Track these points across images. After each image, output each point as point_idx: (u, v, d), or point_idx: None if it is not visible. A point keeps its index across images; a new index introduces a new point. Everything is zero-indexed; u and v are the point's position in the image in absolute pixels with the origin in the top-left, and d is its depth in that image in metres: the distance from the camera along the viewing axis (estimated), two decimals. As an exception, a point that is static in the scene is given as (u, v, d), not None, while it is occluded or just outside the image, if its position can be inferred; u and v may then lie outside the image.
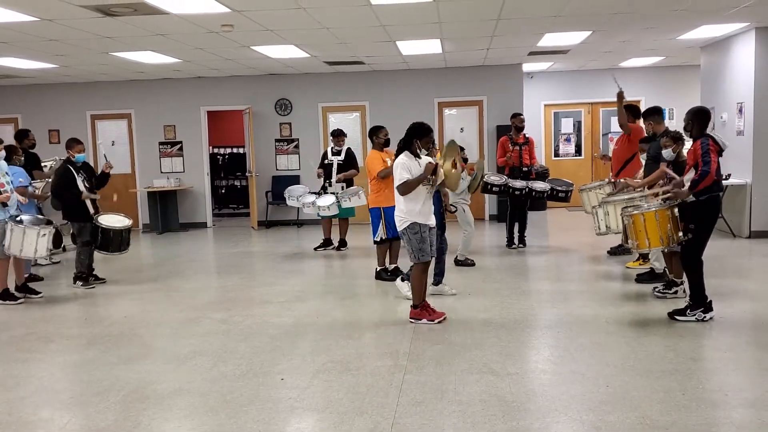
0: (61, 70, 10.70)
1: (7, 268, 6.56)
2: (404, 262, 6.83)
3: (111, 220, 7.28)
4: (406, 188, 5.20)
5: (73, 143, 7.21)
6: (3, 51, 8.80)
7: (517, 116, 8.95)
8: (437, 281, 6.27)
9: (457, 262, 7.79)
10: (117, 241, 7.24)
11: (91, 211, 7.17)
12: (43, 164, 8.77)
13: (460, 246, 7.80)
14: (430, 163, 5.35)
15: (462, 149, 7.75)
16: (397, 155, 5.42)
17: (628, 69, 13.35)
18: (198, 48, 9.10)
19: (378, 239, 7.04)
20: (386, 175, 6.74)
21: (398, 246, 7.06)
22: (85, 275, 7.31)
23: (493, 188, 8.56)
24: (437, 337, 4.98)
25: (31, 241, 6.37)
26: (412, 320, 5.38)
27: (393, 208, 6.57)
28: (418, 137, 5.35)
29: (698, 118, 5.14)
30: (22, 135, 8.54)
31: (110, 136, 12.70)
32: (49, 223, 6.69)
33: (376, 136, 7.24)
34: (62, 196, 7.17)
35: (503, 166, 8.85)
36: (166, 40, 8.38)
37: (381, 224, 6.93)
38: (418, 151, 5.36)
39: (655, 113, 6.89)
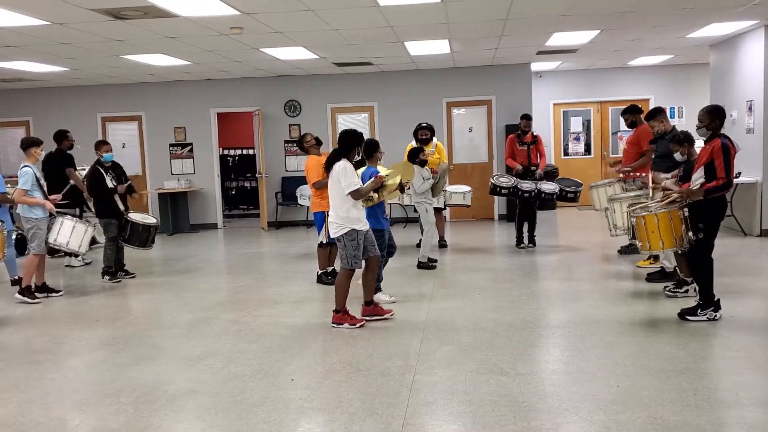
0: (71, 73, 10.78)
1: (36, 264, 6.75)
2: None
3: (139, 217, 7.80)
4: (359, 195, 5.19)
5: (101, 144, 7.81)
6: (15, 55, 8.88)
7: (522, 119, 8.89)
8: (377, 287, 6.16)
9: (420, 265, 7.71)
10: (144, 236, 7.72)
11: (121, 208, 7.65)
12: (80, 168, 8.85)
13: (422, 248, 7.76)
14: (378, 176, 5.43)
15: (422, 150, 7.71)
16: (331, 163, 5.29)
17: (637, 67, 13.31)
18: (207, 50, 9.15)
19: (320, 242, 7.06)
20: (321, 186, 6.71)
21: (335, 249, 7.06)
22: (112, 270, 7.69)
23: (502, 191, 8.54)
24: (447, 338, 4.98)
25: (78, 234, 6.89)
26: (334, 325, 5.34)
27: None
28: (357, 145, 5.34)
29: (720, 116, 5.10)
30: (60, 136, 8.64)
31: (121, 138, 12.79)
32: (93, 224, 7.20)
33: (306, 141, 7.12)
34: (94, 194, 7.71)
35: (511, 167, 8.85)
36: (175, 42, 8.43)
37: (324, 228, 6.91)
38: (356, 157, 5.40)
39: (659, 113, 6.87)
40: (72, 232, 6.83)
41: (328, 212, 6.80)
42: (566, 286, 6.76)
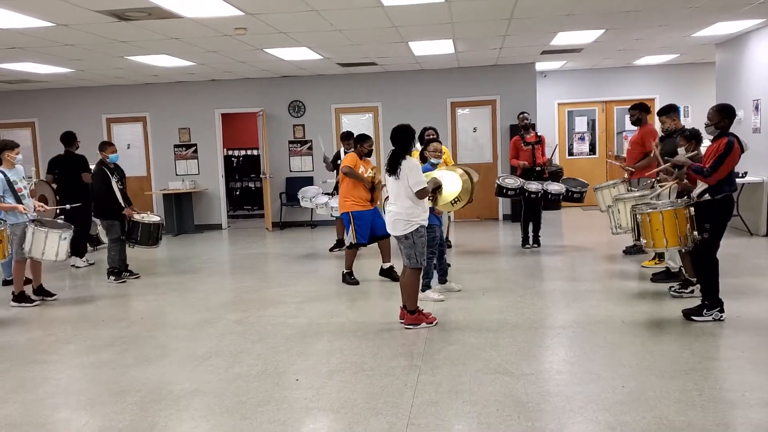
0: (77, 74, 10.82)
1: (24, 270, 6.64)
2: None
3: (140, 217, 7.72)
4: (424, 194, 5.22)
5: (106, 146, 7.74)
6: (20, 56, 8.91)
7: (520, 114, 8.96)
8: (444, 279, 6.31)
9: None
10: (155, 235, 7.71)
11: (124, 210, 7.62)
12: (91, 166, 8.85)
13: None
14: (435, 179, 5.44)
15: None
16: (395, 161, 5.18)
17: (643, 67, 13.28)
18: (212, 51, 9.16)
19: (348, 244, 7.06)
20: (350, 174, 6.75)
21: (388, 244, 7.07)
22: (117, 270, 7.68)
23: (509, 192, 8.51)
24: (451, 338, 4.98)
25: (53, 245, 6.46)
26: (410, 326, 5.26)
27: (361, 212, 6.77)
28: (413, 139, 5.36)
29: (729, 116, 5.08)
30: (71, 138, 8.66)
31: (126, 139, 12.82)
32: (70, 227, 6.75)
33: (361, 145, 7.00)
34: (98, 195, 7.63)
35: (516, 167, 8.84)
36: (180, 43, 8.45)
37: (351, 229, 6.91)
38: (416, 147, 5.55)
39: (672, 110, 6.85)
40: (45, 243, 6.41)
41: (352, 213, 6.82)
42: (571, 287, 6.74)
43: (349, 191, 6.86)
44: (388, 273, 7.13)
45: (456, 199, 5.73)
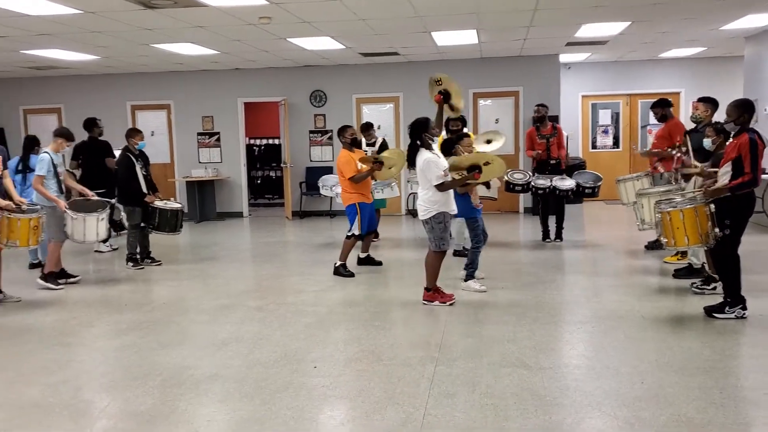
0: (102, 61, 10.93)
1: (59, 251, 6.82)
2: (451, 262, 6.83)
3: (162, 204, 7.82)
4: (446, 187, 5.37)
5: (135, 133, 7.77)
6: (47, 43, 9.03)
7: (536, 106, 8.87)
8: (471, 274, 6.27)
9: (455, 253, 7.66)
10: (173, 222, 7.78)
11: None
12: (116, 150, 8.92)
13: (456, 237, 7.76)
14: (476, 173, 5.43)
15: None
16: (412, 156, 5.51)
17: (668, 60, 13.07)
18: (236, 40, 9.21)
19: (351, 234, 7.09)
20: (359, 180, 6.93)
21: (369, 239, 7.36)
22: (136, 257, 7.77)
23: (516, 187, 8.39)
24: (469, 330, 4.98)
25: (92, 226, 6.78)
26: (425, 302, 5.63)
27: (365, 204, 6.97)
28: (424, 131, 5.45)
29: (748, 110, 5.00)
30: (91, 124, 8.77)
31: (150, 126, 12.93)
32: (104, 205, 6.98)
33: (342, 136, 7.13)
34: (122, 181, 7.66)
35: (530, 156, 8.78)
36: (205, 32, 8.50)
37: (357, 220, 6.97)
38: (431, 142, 5.53)
39: (710, 102, 6.75)
40: (85, 227, 6.72)
41: (359, 204, 6.89)
42: (591, 281, 6.70)
43: (353, 184, 6.99)
44: (366, 261, 7.41)
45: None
